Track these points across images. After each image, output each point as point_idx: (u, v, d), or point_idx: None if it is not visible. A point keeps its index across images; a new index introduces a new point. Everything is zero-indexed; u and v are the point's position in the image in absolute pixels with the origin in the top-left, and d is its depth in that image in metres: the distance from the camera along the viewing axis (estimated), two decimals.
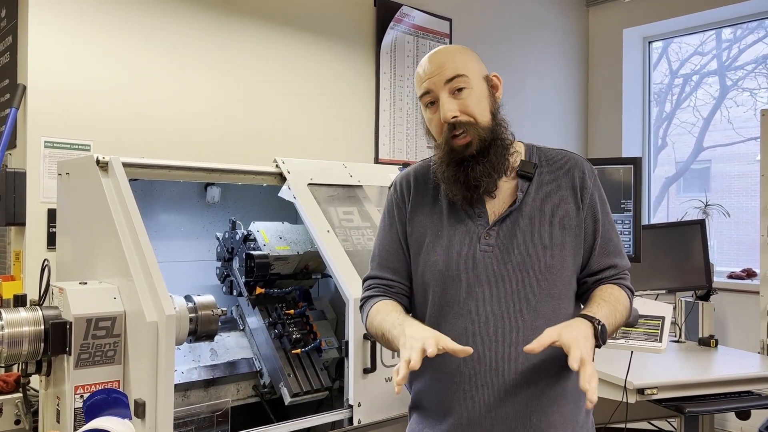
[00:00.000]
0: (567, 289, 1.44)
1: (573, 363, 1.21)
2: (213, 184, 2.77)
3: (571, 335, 1.25)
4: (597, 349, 1.32)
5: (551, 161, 1.49)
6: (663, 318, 2.16)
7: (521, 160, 1.48)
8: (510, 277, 1.40)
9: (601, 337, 1.30)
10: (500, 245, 1.42)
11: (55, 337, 1.80)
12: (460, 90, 1.41)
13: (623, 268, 1.51)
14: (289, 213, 2.80)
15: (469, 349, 1.24)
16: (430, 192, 1.52)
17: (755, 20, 4.87)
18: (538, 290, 1.40)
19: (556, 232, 1.42)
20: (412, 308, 1.54)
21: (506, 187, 1.46)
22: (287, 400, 2.36)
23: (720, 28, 5.08)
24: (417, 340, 1.24)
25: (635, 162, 2.33)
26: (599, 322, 1.31)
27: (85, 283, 1.94)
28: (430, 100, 1.46)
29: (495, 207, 1.45)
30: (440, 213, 1.48)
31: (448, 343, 1.24)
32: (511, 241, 1.42)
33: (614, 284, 1.47)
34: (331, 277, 2.48)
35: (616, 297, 1.44)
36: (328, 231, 2.44)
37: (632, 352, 2.39)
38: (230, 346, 2.53)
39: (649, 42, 5.44)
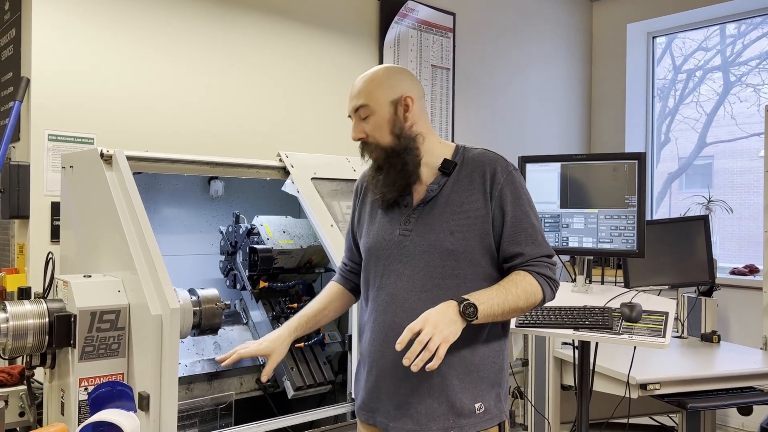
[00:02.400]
0: (472, 270, 1.64)
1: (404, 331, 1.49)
2: (216, 177, 2.77)
3: (425, 315, 1.50)
4: (473, 323, 1.53)
5: (471, 160, 1.69)
6: (666, 313, 2.16)
7: (444, 159, 1.69)
8: (420, 258, 1.65)
9: (464, 312, 1.51)
10: (417, 230, 1.67)
11: (60, 329, 1.80)
12: (365, 117, 1.68)
13: (533, 256, 1.63)
14: (292, 207, 2.80)
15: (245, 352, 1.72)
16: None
17: (760, 15, 4.85)
18: (442, 270, 1.63)
19: (462, 220, 1.64)
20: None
21: (432, 181, 1.70)
22: (290, 393, 2.37)
23: (724, 23, 5.06)
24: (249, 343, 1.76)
25: (639, 157, 2.32)
26: (464, 300, 1.52)
27: (90, 276, 1.94)
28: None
29: (419, 198, 1.71)
30: (379, 204, 1.77)
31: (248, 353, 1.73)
32: (425, 227, 1.66)
33: (523, 270, 1.63)
34: (334, 271, 2.48)
35: (514, 281, 1.61)
36: (332, 225, 2.44)
37: (635, 347, 2.39)
38: (234, 340, 2.54)
39: (653, 37, 5.42)
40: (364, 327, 1.76)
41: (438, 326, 1.49)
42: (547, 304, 2.18)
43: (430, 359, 1.46)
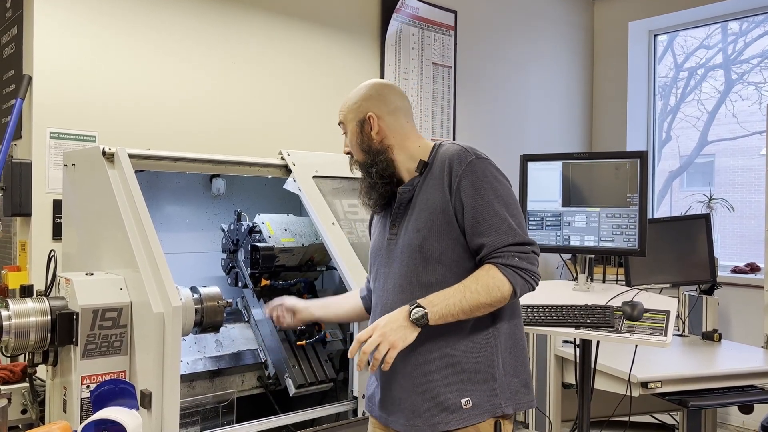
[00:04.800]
0: (442, 265, 1.66)
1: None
2: (218, 175, 2.77)
3: (375, 323, 1.59)
4: (429, 325, 1.56)
5: (439, 157, 1.72)
6: (668, 312, 2.16)
7: (420, 160, 1.74)
8: (398, 259, 1.72)
9: (412, 317, 1.55)
10: (398, 233, 1.74)
11: (62, 327, 1.80)
12: (345, 133, 1.84)
13: (496, 246, 1.60)
14: (294, 205, 2.80)
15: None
16: None
17: (762, 14, 4.85)
18: (414, 267, 1.68)
19: (425, 217, 1.68)
20: None
21: (405, 184, 1.77)
22: (292, 391, 2.37)
23: (726, 21, 5.06)
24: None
25: (642, 156, 2.32)
26: (414, 305, 1.57)
27: (92, 274, 1.95)
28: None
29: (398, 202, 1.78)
30: (381, 213, 1.86)
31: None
32: (402, 229, 1.74)
33: (489, 263, 1.61)
34: (335, 269, 2.49)
35: (476, 276, 1.60)
36: (333, 223, 2.44)
37: (636, 346, 2.39)
38: (235, 338, 2.54)
39: (655, 35, 5.42)
40: None
41: (385, 334, 1.54)
42: (548, 303, 2.20)
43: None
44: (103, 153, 2.07)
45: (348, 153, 1.84)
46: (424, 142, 1.79)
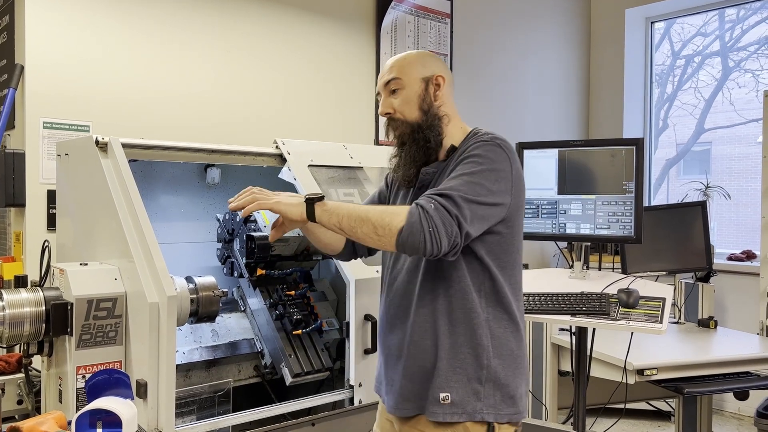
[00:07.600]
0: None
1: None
2: (213, 165, 2.76)
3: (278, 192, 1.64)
4: (315, 215, 1.55)
5: (466, 143, 1.66)
6: (664, 299, 2.16)
7: (451, 145, 1.67)
8: None
9: (308, 196, 1.57)
10: None
11: (57, 317, 1.80)
12: (394, 91, 1.68)
13: (427, 194, 1.52)
14: None
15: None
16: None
17: (759, 0, 4.83)
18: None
19: None
20: None
21: (429, 166, 1.69)
22: (288, 380, 2.37)
23: (723, 8, 5.04)
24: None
25: (638, 143, 2.31)
26: (308, 197, 1.57)
27: (86, 264, 1.94)
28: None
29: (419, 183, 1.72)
30: (399, 193, 1.80)
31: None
32: None
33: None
34: (331, 258, 2.48)
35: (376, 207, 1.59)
36: None
37: (632, 333, 2.40)
38: (231, 327, 2.54)
39: (652, 22, 5.39)
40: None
41: (278, 200, 1.60)
42: (545, 291, 2.20)
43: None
44: (97, 142, 2.06)
45: (387, 114, 1.69)
46: (466, 127, 1.72)
